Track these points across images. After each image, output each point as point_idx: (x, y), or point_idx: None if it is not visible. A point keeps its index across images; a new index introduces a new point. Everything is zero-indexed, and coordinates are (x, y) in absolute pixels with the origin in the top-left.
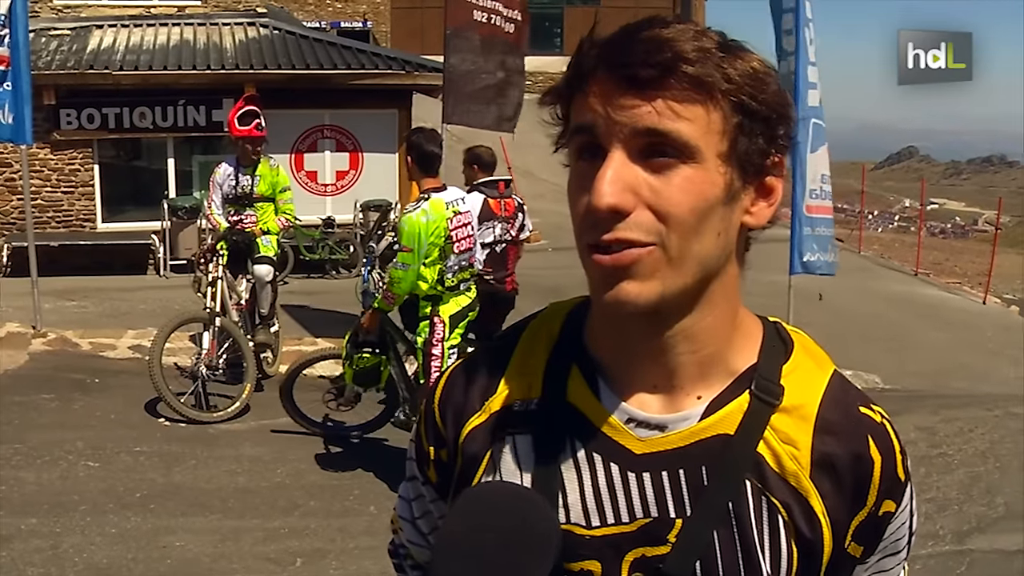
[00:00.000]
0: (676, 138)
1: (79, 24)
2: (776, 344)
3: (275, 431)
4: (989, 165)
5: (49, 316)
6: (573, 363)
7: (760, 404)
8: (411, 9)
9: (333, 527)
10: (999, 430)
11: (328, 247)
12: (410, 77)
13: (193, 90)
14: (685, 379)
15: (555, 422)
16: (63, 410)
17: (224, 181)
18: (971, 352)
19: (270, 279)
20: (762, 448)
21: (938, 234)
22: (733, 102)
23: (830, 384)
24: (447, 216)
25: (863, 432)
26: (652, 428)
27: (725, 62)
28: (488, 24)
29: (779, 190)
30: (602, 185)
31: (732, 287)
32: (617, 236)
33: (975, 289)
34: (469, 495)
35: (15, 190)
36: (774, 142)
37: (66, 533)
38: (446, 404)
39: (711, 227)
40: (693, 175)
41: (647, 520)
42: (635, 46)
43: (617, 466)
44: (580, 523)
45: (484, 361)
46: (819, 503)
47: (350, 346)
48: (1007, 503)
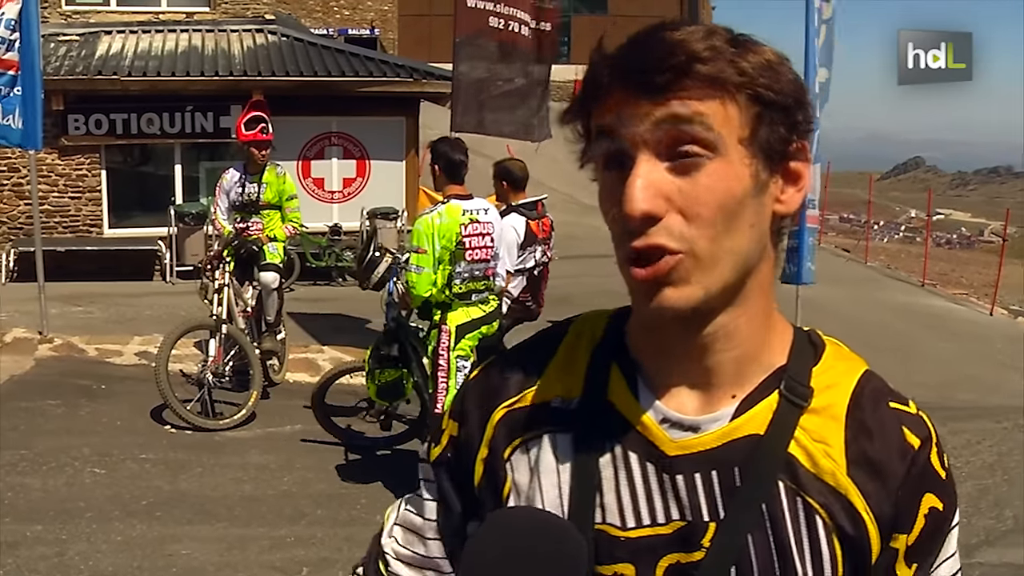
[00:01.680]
0: (698, 126)
1: (88, 30)
2: (806, 347)
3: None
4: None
5: (55, 322)
6: (613, 362)
7: (789, 404)
8: (419, 17)
9: (340, 536)
10: (1007, 442)
11: (335, 254)
12: (418, 85)
13: (201, 96)
14: (722, 377)
15: (595, 422)
16: (69, 416)
17: (231, 188)
18: (978, 363)
19: (276, 286)
20: (794, 448)
21: (944, 245)
22: (749, 94)
23: (859, 382)
24: (462, 222)
25: (896, 425)
26: (686, 429)
27: (737, 56)
28: (505, 31)
29: (806, 175)
30: (633, 192)
31: (767, 282)
32: (649, 242)
33: (982, 300)
34: (496, 520)
35: (23, 195)
36: (795, 128)
37: (72, 540)
38: (479, 385)
39: (744, 221)
40: (719, 170)
41: (682, 523)
42: (647, 53)
43: (653, 466)
44: (615, 523)
45: (526, 353)
46: (860, 499)
47: (372, 361)
48: (1016, 516)
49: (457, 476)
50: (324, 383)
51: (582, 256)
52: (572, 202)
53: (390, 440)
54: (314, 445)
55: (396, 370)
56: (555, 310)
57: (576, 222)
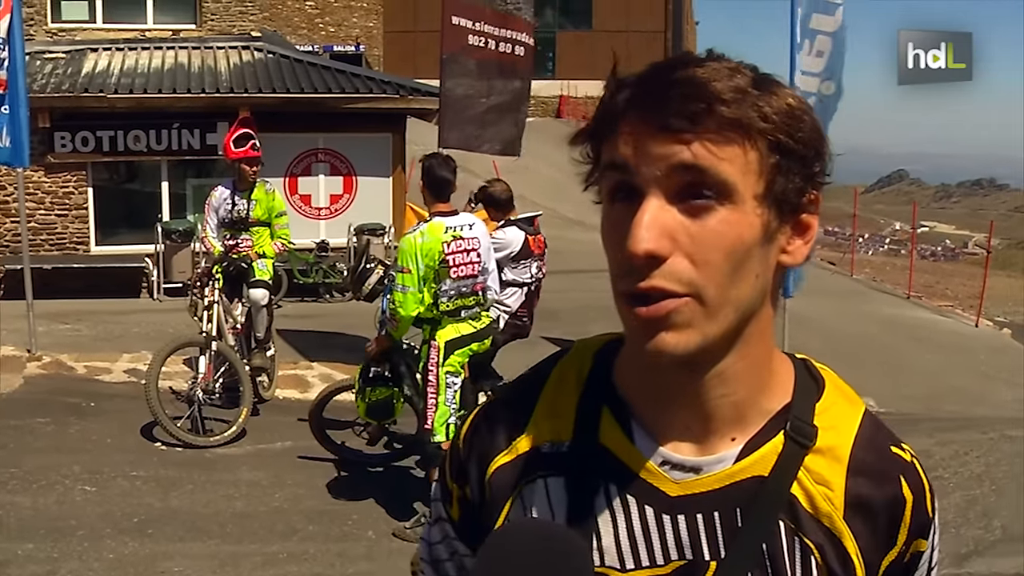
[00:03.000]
0: (714, 175)
1: (74, 47)
2: (808, 383)
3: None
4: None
5: (43, 339)
6: (604, 405)
7: (794, 446)
8: (403, 33)
9: (332, 552)
10: (994, 453)
11: (322, 271)
12: (404, 101)
13: (187, 113)
14: (720, 422)
15: (588, 465)
16: (59, 434)
17: (220, 205)
18: (965, 375)
19: (266, 303)
20: (795, 489)
21: (929, 257)
22: (770, 141)
23: (862, 424)
24: (444, 239)
25: (896, 472)
26: (687, 471)
27: (761, 100)
28: (484, 48)
29: (815, 227)
30: (639, 231)
31: (767, 328)
32: (653, 284)
33: (967, 312)
34: (502, 532)
35: (9, 213)
36: (811, 180)
37: (63, 559)
38: (471, 442)
39: (749, 270)
40: (730, 217)
41: (682, 563)
42: (669, 89)
43: (652, 508)
44: (615, 566)
45: (511, 400)
46: (852, 544)
47: (361, 380)
48: (1004, 526)
49: (478, 530)
50: (322, 399)
51: (567, 271)
52: (555, 216)
53: (386, 457)
54: (305, 461)
55: (387, 388)
56: (543, 325)
57: (560, 236)
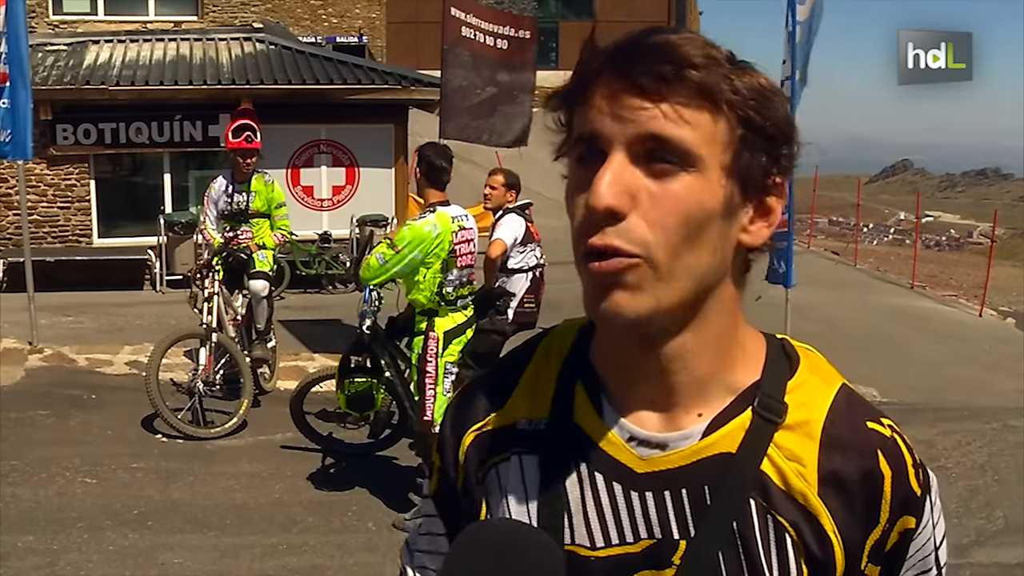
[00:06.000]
0: (679, 144)
1: (75, 40)
2: (780, 361)
3: (284, 447)
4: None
5: (45, 332)
6: (578, 380)
7: (762, 422)
8: (406, 24)
9: (331, 543)
10: (997, 443)
11: (324, 262)
12: (406, 92)
13: (189, 105)
14: (683, 397)
15: (561, 443)
16: (60, 426)
17: (219, 197)
18: (968, 365)
19: (266, 294)
20: (766, 466)
21: (933, 247)
22: (739, 115)
23: (836, 399)
24: (452, 229)
25: (871, 447)
26: (653, 447)
27: (732, 74)
28: (474, 41)
29: (778, 212)
30: (600, 186)
31: (730, 305)
32: (607, 242)
33: (971, 301)
34: (470, 534)
35: (11, 205)
36: (776, 162)
37: (63, 550)
38: (453, 413)
39: (706, 240)
40: (693, 183)
41: (651, 541)
42: (643, 50)
43: (620, 485)
44: (584, 544)
45: (497, 375)
46: (829, 521)
47: (341, 370)
48: (1006, 516)
49: (455, 506)
50: (301, 390)
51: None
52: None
53: (371, 446)
54: (305, 453)
55: (366, 380)
56: (548, 316)
57: (563, 226)
